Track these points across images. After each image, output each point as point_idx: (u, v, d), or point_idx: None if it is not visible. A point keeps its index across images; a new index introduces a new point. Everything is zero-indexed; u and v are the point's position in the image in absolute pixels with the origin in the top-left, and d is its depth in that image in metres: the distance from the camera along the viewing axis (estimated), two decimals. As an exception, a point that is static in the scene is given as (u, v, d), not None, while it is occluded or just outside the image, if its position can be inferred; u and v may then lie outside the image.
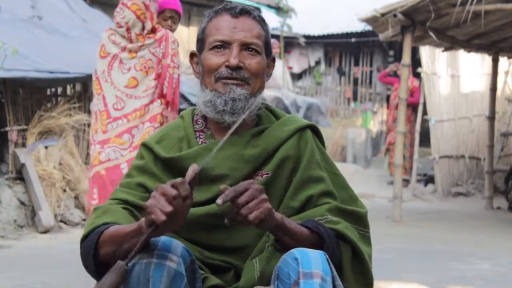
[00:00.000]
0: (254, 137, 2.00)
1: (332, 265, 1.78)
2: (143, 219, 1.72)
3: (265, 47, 2.03)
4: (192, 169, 1.68)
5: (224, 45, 1.97)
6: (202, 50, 2.03)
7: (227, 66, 1.95)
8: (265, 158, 1.99)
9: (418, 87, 11.71)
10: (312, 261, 1.74)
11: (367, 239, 2.00)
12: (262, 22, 2.04)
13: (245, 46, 1.98)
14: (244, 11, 2.01)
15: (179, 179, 1.65)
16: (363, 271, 1.94)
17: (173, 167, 1.98)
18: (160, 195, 1.64)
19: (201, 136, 2.04)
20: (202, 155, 1.93)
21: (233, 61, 1.95)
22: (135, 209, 1.94)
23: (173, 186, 1.64)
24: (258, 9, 10.20)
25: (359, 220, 1.99)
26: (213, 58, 1.97)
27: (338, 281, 1.79)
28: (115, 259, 1.70)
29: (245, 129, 2.01)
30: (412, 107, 11.60)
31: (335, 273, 1.78)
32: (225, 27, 1.98)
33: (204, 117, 2.06)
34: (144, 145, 2.05)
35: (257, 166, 1.97)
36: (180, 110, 3.17)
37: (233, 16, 2.00)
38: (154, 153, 2.01)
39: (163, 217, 1.62)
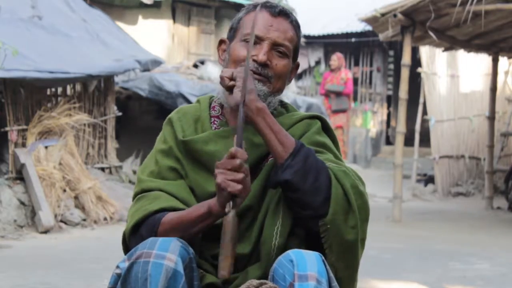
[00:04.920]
0: None
1: (328, 267, 1.77)
2: (209, 201, 1.84)
3: (293, 52, 2.06)
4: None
5: (256, 40, 1.99)
6: (232, 39, 2.06)
7: (254, 60, 1.97)
8: None
9: (351, 78, 12.02)
10: (307, 263, 1.73)
11: (363, 185, 1.94)
12: (297, 27, 2.07)
13: (276, 46, 2.00)
14: (283, 13, 2.04)
15: (232, 149, 1.76)
16: (350, 212, 1.87)
17: (187, 149, 2.02)
18: (225, 169, 1.75)
19: (215, 122, 2.08)
20: (214, 140, 1.99)
21: (262, 57, 1.97)
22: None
23: (232, 157, 1.75)
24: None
25: (359, 177, 1.96)
26: (242, 50, 1.99)
27: (335, 283, 1.78)
28: None
29: None
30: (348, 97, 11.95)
31: (331, 274, 1.78)
32: (261, 23, 2.00)
33: (221, 105, 2.09)
34: (169, 122, 2.09)
35: (266, 151, 1.97)
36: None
37: (272, 14, 2.02)
38: (175, 133, 2.05)
39: (239, 186, 1.74)
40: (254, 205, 1.95)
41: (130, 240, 1.95)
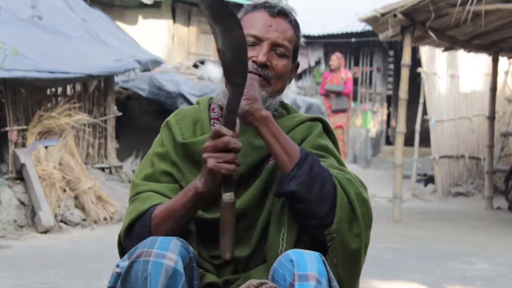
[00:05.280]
0: None
1: (328, 267, 1.77)
2: (193, 183, 1.83)
3: (293, 52, 2.05)
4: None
5: (255, 41, 1.98)
6: None
7: (254, 61, 1.96)
8: None
9: (351, 78, 12.03)
10: (307, 263, 1.73)
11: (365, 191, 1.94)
12: (296, 27, 2.06)
13: (276, 47, 1.99)
14: (282, 13, 2.03)
15: (216, 127, 1.78)
16: (354, 220, 1.86)
17: (187, 151, 2.01)
18: (214, 152, 1.75)
19: (215, 124, 2.06)
20: None
21: (262, 58, 1.96)
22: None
23: (218, 135, 1.75)
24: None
25: (361, 182, 1.95)
26: None
27: (334, 283, 1.77)
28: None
29: None
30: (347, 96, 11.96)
31: (331, 274, 1.77)
32: (260, 23, 2.00)
33: (221, 106, 2.08)
34: (167, 125, 2.08)
35: (267, 153, 1.96)
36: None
37: (271, 14, 2.01)
38: (173, 136, 2.03)
39: (232, 167, 1.75)
40: (254, 208, 1.94)
41: (126, 242, 1.95)
